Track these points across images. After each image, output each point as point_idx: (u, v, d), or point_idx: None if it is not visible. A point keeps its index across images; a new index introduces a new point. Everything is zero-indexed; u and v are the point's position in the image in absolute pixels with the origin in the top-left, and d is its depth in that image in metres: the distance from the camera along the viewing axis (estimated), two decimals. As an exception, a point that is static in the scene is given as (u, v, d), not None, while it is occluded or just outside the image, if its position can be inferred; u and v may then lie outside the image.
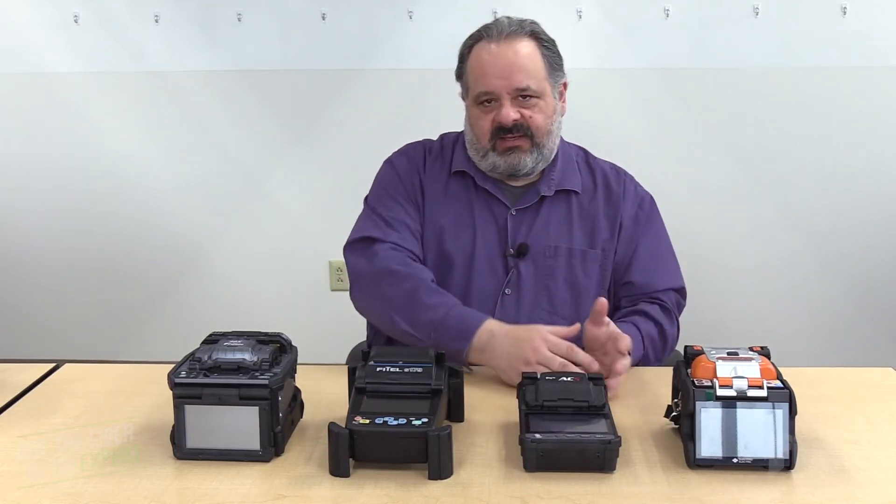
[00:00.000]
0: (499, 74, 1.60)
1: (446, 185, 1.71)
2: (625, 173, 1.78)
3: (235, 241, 3.41)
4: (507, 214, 1.68)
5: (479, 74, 1.62)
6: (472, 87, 1.65)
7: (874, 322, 3.25)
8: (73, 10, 3.25)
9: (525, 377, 1.24)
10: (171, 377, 1.16)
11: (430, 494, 1.07)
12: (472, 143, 1.68)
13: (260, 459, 1.15)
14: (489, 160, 1.65)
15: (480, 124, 1.64)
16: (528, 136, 1.62)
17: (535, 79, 1.61)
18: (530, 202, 1.68)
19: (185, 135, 3.33)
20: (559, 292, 1.66)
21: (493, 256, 1.66)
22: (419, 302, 1.53)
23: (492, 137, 1.63)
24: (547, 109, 1.64)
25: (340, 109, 3.25)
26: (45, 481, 1.12)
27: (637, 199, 1.74)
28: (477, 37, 1.65)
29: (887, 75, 3.08)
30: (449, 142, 1.77)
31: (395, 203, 1.69)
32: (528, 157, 1.63)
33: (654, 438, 1.23)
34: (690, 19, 3.10)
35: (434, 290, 1.57)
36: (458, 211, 1.68)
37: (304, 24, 3.21)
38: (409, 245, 1.64)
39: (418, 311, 1.53)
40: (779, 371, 1.16)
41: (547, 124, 1.64)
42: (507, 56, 1.60)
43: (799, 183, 3.18)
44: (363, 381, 1.21)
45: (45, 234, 3.45)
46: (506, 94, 1.60)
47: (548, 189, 1.68)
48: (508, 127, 1.61)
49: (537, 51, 1.62)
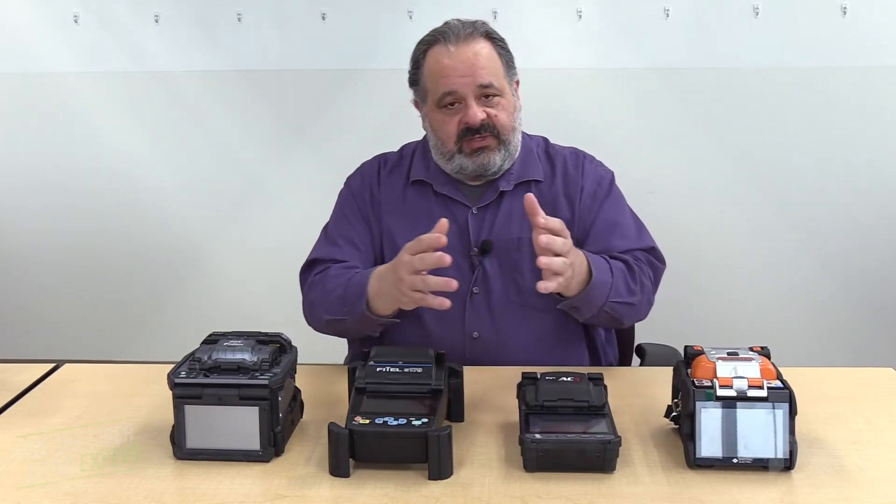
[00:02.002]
0: (461, 74, 1.60)
1: (404, 194, 1.73)
2: (584, 155, 1.77)
3: (235, 241, 3.41)
4: (467, 214, 1.68)
5: (440, 76, 1.62)
6: (432, 91, 1.65)
7: (874, 322, 3.25)
8: (73, 10, 3.25)
9: (525, 377, 1.24)
10: (171, 377, 1.16)
11: (430, 494, 1.07)
12: (437, 147, 1.68)
13: (260, 459, 1.15)
14: (456, 162, 1.65)
15: (446, 128, 1.64)
16: (495, 135, 1.63)
17: (495, 76, 1.62)
18: (490, 199, 1.68)
19: (185, 135, 3.33)
20: (527, 284, 1.63)
21: (457, 257, 1.62)
22: (327, 291, 1.62)
23: (458, 140, 1.63)
24: (509, 107, 1.65)
25: (340, 109, 3.25)
26: (45, 481, 1.12)
27: (596, 178, 1.73)
28: (431, 41, 1.66)
29: (887, 75, 3.08)
30: (408, 151, 1.79)
31: (344, 220, 1.74)
32: (496, 156, 1.64)
33: (654, 438, 1.23)
34: (690, 19, 3.09)
35: (335, 274, 1.63)
36: (416, 217, 1.68)
37: (304, 24, 3.21)
38: (346, 257, 1.69)
39: (329, 297, 1.60)
40: (779, 371, 1.16)
41: (511, 121, 1.65)
42: (466, 56, 1.61)
43: (799, 183, 3.18)
44: (363, 381, 1.22)
45: (45, 234, 3.45)
46: (470, 92, 1.61)
47: (507, 184, 1.69)
48: (476, 127, 1.61)
49: (493, 50, 1.64)
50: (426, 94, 1.67)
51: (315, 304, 1.65)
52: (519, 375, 1.26)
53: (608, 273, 1.54)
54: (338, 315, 1.58)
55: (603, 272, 1.53)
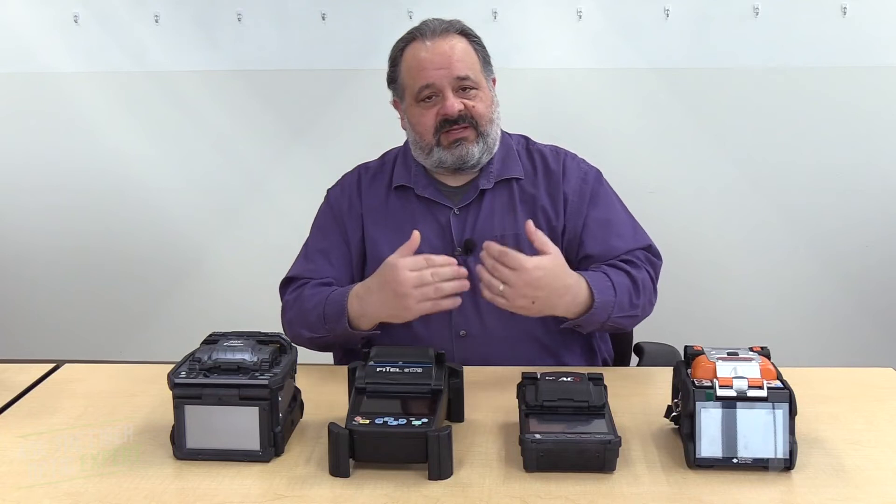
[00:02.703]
0: (438, 66, 1.62)
1: (386, 200, 1.73)
2: (565, 152, 1.78)
3: (235, 241, 3.41)
4: (448, 214, 1.68)
5: (418, 71, 1.64)
6: (410, 86, 1.67)
7: (874, 322, 3.25)
8: (73, 10, 3.25)
9: (525, 377, 1.24)
10: (171, 377, 1.16)
11: (430, 494, 1.07)
12: (416, 142, 1.69)
13: (260, 459, 1.15)
14: (435, 156, 1.66)
15: (423, 121, 1.65)
16: (473, 125, 1.64)
17: (472, 70, 1.65)
18: (471, 198, 1.69)
19: (185, 135, 3.33)
20: None
21: None
22: (304, 311, 1.62)
23: (436, 132, 1.64)
24: (486, 99, 1.67)
25: (340, 109, 3.25)
26: (45, 481, 1.12)
27: (580, 174, 1.74)
28: (408, 39, 1.69)
29: (887, 75, 3.08)
30: (390, 158, 1.80)
31: (320, 235, 1.75)
32: (474, 147, 1.65)
33: (654, 438, 1.23)
34: (690, 19, 3.09)
35: (311, 294, 1.64)
36: (398, 222, 1.69)
37: (304, 24, 3.21)
38: (321, 274, 1.69)
39: (308, 317, 1.61)
40: (779, 371, 1.16)
41: (488, 113, 1.66)
42: (443, 49, 1.64)
43: (799, 183, 3.18)
44: (363, 381, 1.22)
45: (45, 234, 3.45)
46: (447, 84, 1.62)
47: (487, 182, 1.69)
48: (454, 118, 1.62)
49: (469, 46, 1.67)
50: (404, 90, 1.69)
51: (293, 323, 1.66)
52: (519, 375, 1.26)
53: (611, 293, 1.55)
54: (320, 333, 1.60)
55: (605, 293, 1.54)
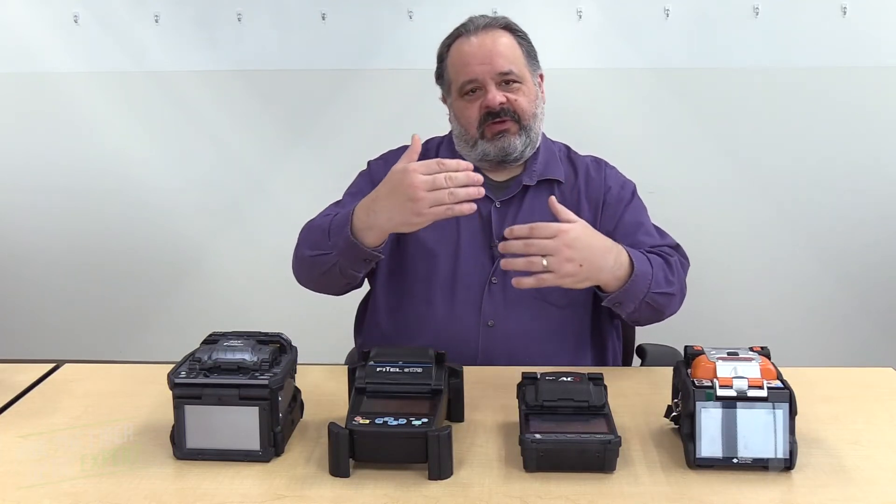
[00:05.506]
0: (481, 61, 1.65)
1: None
2: (606, 163, 1.80)
3: (235, 240, 3.41)
4: (490, 207, 1.69)
5: (462, 65, 1.67)
6: (454, 80, 1.69)
7: (874, 322, 3.25)
8: (73, 10, 3.25)
9: (525, 377, 1.24)
10: (171, 377, 1.16)
11: (430, 494, 1.07)
12: (461, 135, 1.71)
13: (260, 459, 1.15)
14: (479, 149, 1.68)
15: (467, 114, 1.68)
16: (515, 119, 1.66)
17: (515, 64, 1.67)
18: (513, 193, 1.71)
19: (185, 135, 3.33)
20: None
21: (477, 249, 1.68)
22: (312, 228, 1.62)
23: (479, 125, 1.66)
24: (530, 94, 1.69)
25: (340, 109, 3.25)
26: (45, 481, 1.12)
27: (620, 182, 1.77)
28: (454, 35, 1.72)
29: (887, 75, 3.08)
30: (433, 145, 1.81)
31: (351, 198, 1.71)
32: (517, 140, 1.66)
33: (654, 438, 1.23)
34: (690, 19, 3.10)
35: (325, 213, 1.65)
36: None
37: (304, 24, 3.21)
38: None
39: (313, 234, 1.60)
40: (779, 371, 1.16)
41: (531, 107, 1.68)
42: (486, 44, 1.66)
43: (799, 182, 3.18)
44: (363, 381, 1.22)
45: (44, 234, 3.45)
46: (490, 79, 1.65)
47: (530, 179, 1.71)
48: (496, 111, 1.64)
49: (513, 40, 1.69)
50: (450, 85, 1.72)
51: (300, 245, 1.64)
52: (519, 375, 1.26)
53: (647, 264, 1.56)
54: (323, 249, 1.56)
55: (643, 263, 1.55)
